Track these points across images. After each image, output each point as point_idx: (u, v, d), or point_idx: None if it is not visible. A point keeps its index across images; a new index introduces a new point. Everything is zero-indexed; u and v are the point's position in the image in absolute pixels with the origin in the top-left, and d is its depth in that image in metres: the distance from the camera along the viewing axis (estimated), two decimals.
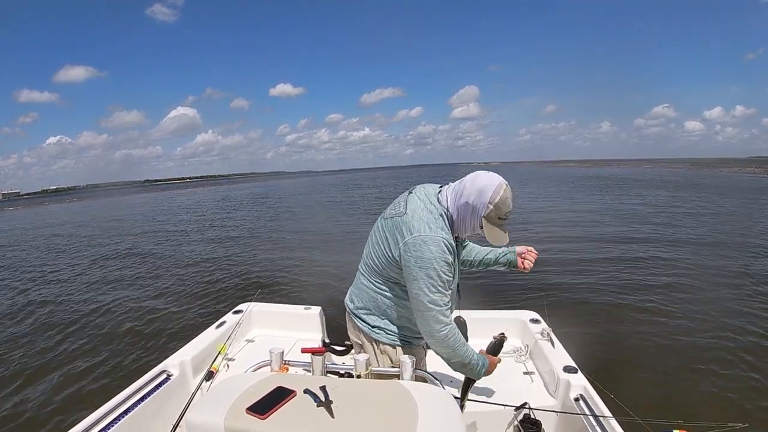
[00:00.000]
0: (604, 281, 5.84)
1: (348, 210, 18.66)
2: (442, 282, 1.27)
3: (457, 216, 1.33)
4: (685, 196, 18.41)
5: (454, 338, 1.34)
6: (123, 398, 1.80)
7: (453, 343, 1.34)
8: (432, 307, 1.27)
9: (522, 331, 2.52)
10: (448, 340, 1.32)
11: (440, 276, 1.26)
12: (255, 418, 0.99)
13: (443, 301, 1.28)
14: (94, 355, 4.27)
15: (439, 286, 1.27)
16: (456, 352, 1.35)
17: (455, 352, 1.35)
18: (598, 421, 1.61)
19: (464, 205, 1.31)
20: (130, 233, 14.68)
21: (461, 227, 1.35)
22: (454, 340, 1.34)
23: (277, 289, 6.15)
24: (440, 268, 1.26)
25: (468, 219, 1.31)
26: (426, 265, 1.26)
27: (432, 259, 1.26)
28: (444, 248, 1.27)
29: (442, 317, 1.29)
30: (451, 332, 1.33)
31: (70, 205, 44.22)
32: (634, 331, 4.20)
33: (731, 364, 3.54)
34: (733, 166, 62.44)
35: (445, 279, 1.27)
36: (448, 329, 1.32)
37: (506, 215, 1.27)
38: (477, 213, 1.28)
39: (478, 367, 1.42)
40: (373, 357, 1.49)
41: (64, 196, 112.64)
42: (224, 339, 2.43)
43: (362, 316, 1.53)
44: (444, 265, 1.27)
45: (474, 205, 1.28)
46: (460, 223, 1.34)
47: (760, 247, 7.88)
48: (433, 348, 1.38)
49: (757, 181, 30.66)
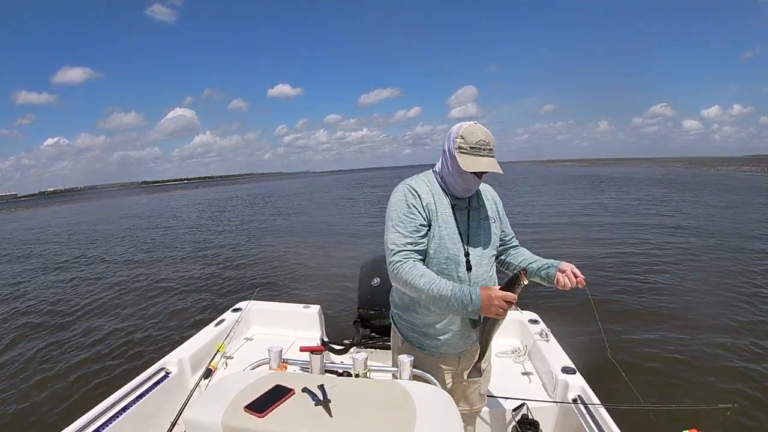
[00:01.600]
0: (603, 281, 5.85)
1: (348, 209, 18.68)
2: (402, 222, 1.30)
3: (442, 167, 1.37)
4: (682, 195, 18.45)
5: (406, 271, 1.25)
6: (121, 395, 1.80)
7: (405, 276, 1.25)
8: (388, 246, 1.30)
9: (520, 331, 2.53)
10: (399, 273, 1.26)
11: (399, 216, 1.30)
12: (253, 416, 0.99)
13: (401, 242, 1.28)
14: (93, 352, 4.27)
15: (398, 226, 1.30)
16: (414, 285, 1.24)
17: (414, 285, 1.24)
18: (596, 422, 1.62)
19: (443, 155, 1.36)
20: (129, 233, 14.70)
21: (450, 178, 1.35)
22: (406, 273, 1.24)
23: (276, 288, 6.15)
24: (399, 209, 1.31)
25: (449, 164, 1.33)
26: (390, 208, 1.34)
27: (394, 202, 1.34)
28: (407, 191, 1.33)
29: (396, 256, 1.28)
30: (402, 266, 1.26)
31: (71, 206, 44.18)
32: (632, 332, 4.22)
33: (731, 361, 3.56)
34: (731, 164, 62.54)
35: (404, 219, 1.30)
36: (399, 264, 1.26)
37: (478, 144, 1.26)
38: (451, 152, 1.30)
39: (457, 298, 1.21)
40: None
41: (64, 197, 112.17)
42: (223, 337, 2.43)
43: None
44: (404, 206, 1.31)
45: (448, 147, 1.33)
46: (447, 175, 1.35)
47: (756, 244, 7.90)
48: (395, 284, 1.35)
49: (755, 179, 30.70)
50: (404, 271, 1.25)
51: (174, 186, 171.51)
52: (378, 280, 2.41)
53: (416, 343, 1.45)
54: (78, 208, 37.32)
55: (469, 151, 1.27)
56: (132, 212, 25.69)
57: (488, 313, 1.21)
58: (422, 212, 1.31)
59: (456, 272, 1.34)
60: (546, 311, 2.54)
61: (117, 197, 62.63)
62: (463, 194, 1.39)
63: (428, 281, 1.24)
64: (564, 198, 19.19)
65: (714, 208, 13.73)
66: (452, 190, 1.37)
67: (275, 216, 17.82)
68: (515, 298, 1.20)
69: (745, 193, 19.37)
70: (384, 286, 2.36)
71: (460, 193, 1.38)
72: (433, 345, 1.43)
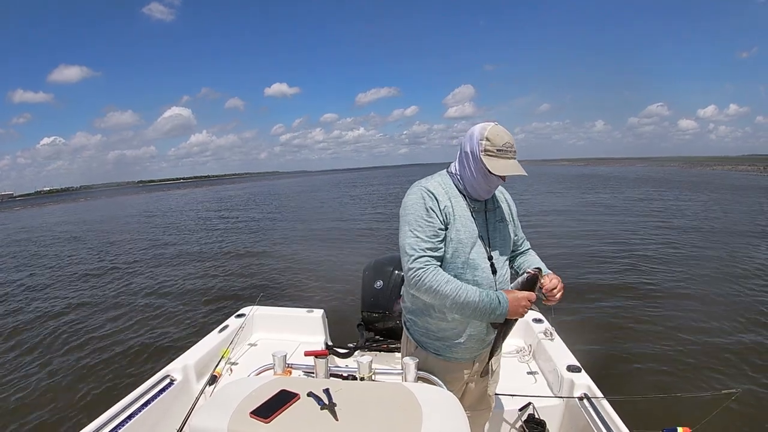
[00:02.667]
0: (606, 279, 5.85)
1: (348, 210, 18.67)
2: (420, 227, 1.26)
3: (462, 169, 1.33)
4: (678, 194, 18.48)
5: (430, 278, 1.22)
6: (127, 403, 1.80)
7: (430, 283, 1.22)
8: (406, 251, 1.26)
9: (525, 330, 2.52)
10: (422, 280, 1.23)
11: (417, 221, 1.26)
12: (259, 421, 0.99)
13: (420, 247, 1.24)
14: (98, 360, 4.28)
15: (416, 230, 1.26)
16: (439, 292, 1.22)
17: (439, 293, 1.22)
18: (603, 420, 1.61)
19: (464, 156, 1.32)
20: (128, 236, 14.69)
21: (471, 180, 1.32)
22: (431, 280, 1.22)
23: (280, 292, 6.15)
24: (417, 213, 1.27)
25: (472, 167, 1.29)
26: (406, 211, 1.29)
27: (410, 205, 1.29)
28: (423, 194, 1.29)
29: (416, 263, 1.24)
30: (425, 273, 1.23)
31: (66, 206, 44.25)
32: (637, 329, 4.22)
33: (734, 359, 3.56)
34: (726, 164, 62.70)
35: (423, 224, 1.26)
36: (421, 271, 1.23)
37: (504, 146, 1.25)
38: (475, 154, 1.27)
39: (485, 303, 1.21)
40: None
41: (61, 197, 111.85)
42: (227, 343, 2.43)
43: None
44: (421, 210, 1.27)
45: (471, 149, 1.29)
46: (468, 176, 1.32)
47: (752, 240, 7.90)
48: (413, 292, 1.31)
49: (751, 178, 30.64)
50: (428, 278, 1.22)
51: (170, 185, 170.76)
52: (381, 283, 2.41)
53: (432, 349, 1.41)
54: (74, 209, 37.34)
55: (496, 154, 1.25)
56: (130, 213, 25.75)
57: (515, 314, 1.23)
58: (440, 216, 1.28)
59: (473, 276, 1.31)
60: (550, 310, 2.53)
61: (117, 197, 62.64)
62: (484, 197, 1.36)
63: (454, 288, 1.22)
64: (562, 196, 19.18)
65: (714, 205, 13.73)
66: (472, 192, 1.34)
67: (276, 218, 17.81)
68: (535, 297, 1.24)
69: (744, 191, 19.41)
70: (387, 289, 2.36)
71: (480, 196, 1.35)
72: (450, 350, 1.40)
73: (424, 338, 1.43)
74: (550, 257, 1.46)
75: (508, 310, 1.22)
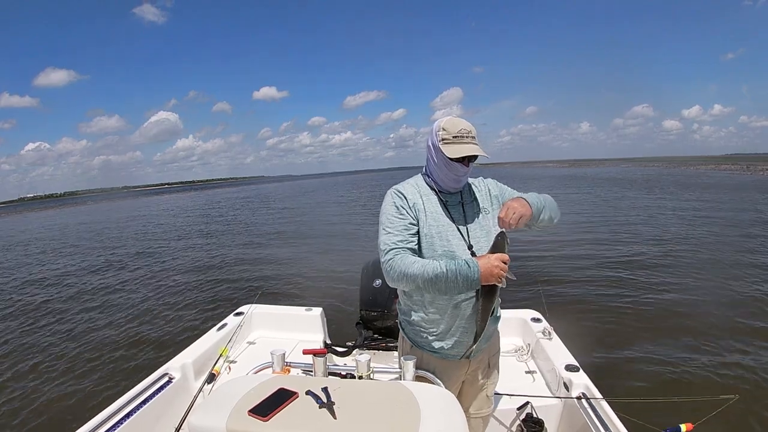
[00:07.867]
0: (604, 279, 5.84)
1: (344, 211, 18.67)
2: (391, 224, 1.34)
3: (429, 164, 1.41)
4: (673, 194, 18.52)
5: (398, 263, 1.26)
6: (125, 401, 1.80)
7: (398, 268, 1.26)
8: (380, 248, 1.33)
9: (523, 330, 2.53)
10: (393, 267, 1.27)
11: (388, 219, 1.35)
12: (257, 420, 0.99)
13: (392, 241, 1.31)
14: (96, 359, 4.27)
15: (388, 227, 1.34)
16: (408, 274, 1.24)
17: (408, 273, 1.24)
18: (601, 419, 1.61)
19: (429, 151, 1.40)
20: (126, 238, 14.68)
21: (438, 172, 1.38)
22: (398, 264, 1.26)
23: (278, 291, 6.15)
24: (388, 213, 1.36)
25: (435, 158, 1.37)
26: (381, 213, 1.39)
27: (384, 207, 1.39)
28: (393, 195, 1.39)
29: (388, 254, 1.29)
30: (393, 261, 1.27)
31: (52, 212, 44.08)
32: (636, 329, 4.22)
33: (734, 359, 3.56)
34: (709, 163, 62.83)
35: (393, 221, 1.34)
36: (391, 261, 1.28)
37: (460, 132, 1.32)
38: (436, 145, 1.35)
39: (454, 272, 1.22)
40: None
41: (49, 203, 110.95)
42: (225, 341, 2.43)
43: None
44: (392, 208, 1.36)
45: (432, 142, 1.37)
46: (435, 169, 1.39)
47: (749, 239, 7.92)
48: (392, 284, 1.34)
49: (733, 177, 30.63)
50: (396, 264, 1.27)
51: (157, 190, 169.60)
52: (379, 282, 2.41)
53: (426, 347, 1.43)
54: (58, 214, 37.38)
55: (452, 141, 1.32)
56: (122, 216, 25.69)
57: (490, 278, 1.22)
58: (409, 212, 1.35)
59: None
60: (548, 309, 2.53)
61: (101, 203, 62.17)
62: (454, 186, 1.40)
63: (421, 265, 1.24)
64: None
65: (713, 204, 13.77)
66: (442, 184, 1.40)
67: (272, 219, 17.82)
68: (508, 258, 1.24)
69: (730, 190, 19.52)
70: (385, 288, 2.36)
71: (451, 187, 1.40)
72: (443, 347, 1.41)
73: (417, 337, 1.45)
74: (549, 258, 1.46)
75: (481, 273, 1.21)
